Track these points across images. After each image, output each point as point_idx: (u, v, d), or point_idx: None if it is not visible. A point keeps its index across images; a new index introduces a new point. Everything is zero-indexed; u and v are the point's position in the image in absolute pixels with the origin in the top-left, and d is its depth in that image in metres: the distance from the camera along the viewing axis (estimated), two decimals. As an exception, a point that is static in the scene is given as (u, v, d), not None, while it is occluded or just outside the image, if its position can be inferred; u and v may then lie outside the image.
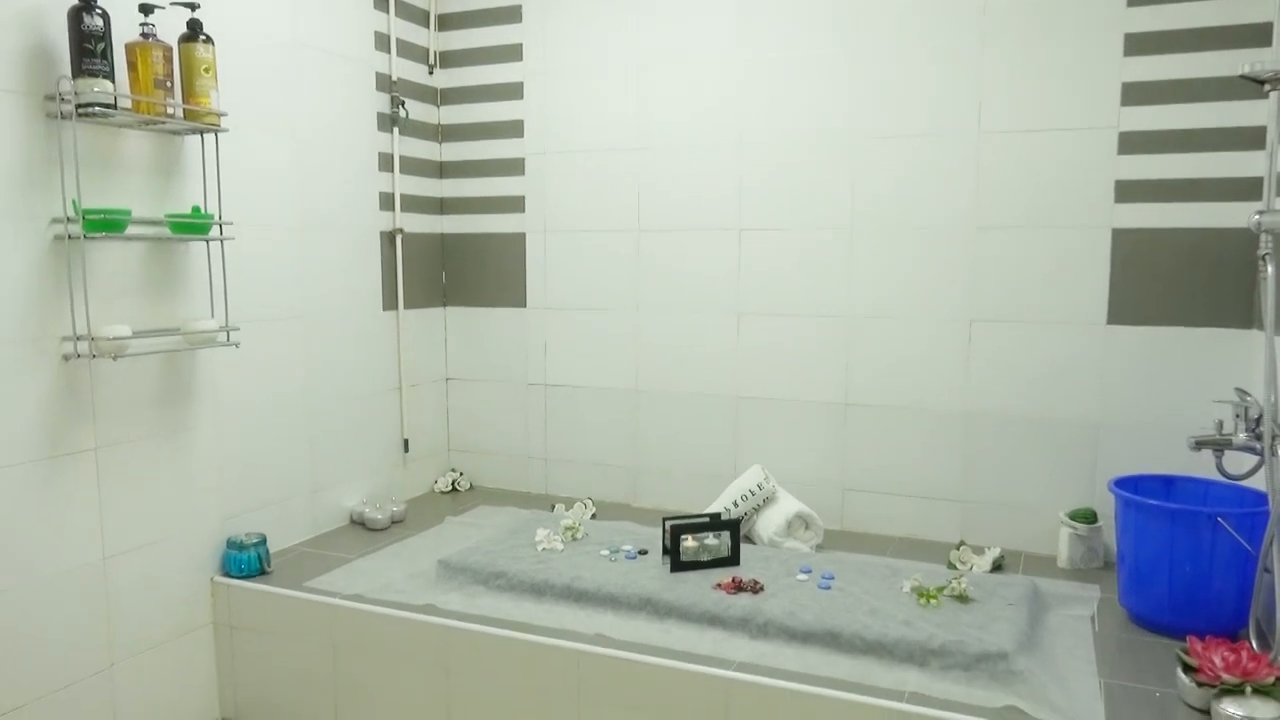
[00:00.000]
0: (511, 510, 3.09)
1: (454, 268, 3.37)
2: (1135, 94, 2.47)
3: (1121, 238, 2.51)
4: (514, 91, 3.21)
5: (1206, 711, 1.74)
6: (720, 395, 3.01)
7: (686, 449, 3.07)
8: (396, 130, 3.09)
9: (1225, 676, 1.70)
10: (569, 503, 3.11)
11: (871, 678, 1.91)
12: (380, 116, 3.03)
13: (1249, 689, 1.67)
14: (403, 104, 3.08)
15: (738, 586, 2.27)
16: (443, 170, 3.35)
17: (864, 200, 2.77)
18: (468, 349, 3.39)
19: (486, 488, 3.40)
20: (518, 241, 3.26)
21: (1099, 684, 1.88)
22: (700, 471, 3.04)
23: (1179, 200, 2.44)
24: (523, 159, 3.22)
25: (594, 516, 2.96)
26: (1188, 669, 1.78)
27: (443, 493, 3.34)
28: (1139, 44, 2.45)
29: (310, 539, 2.80)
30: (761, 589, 2.26)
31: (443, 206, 3.36)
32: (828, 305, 2.84)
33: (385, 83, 3.05)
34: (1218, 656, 1.75)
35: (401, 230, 3.12)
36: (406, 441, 3.21)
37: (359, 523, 2.94)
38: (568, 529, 2.65)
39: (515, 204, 3.25)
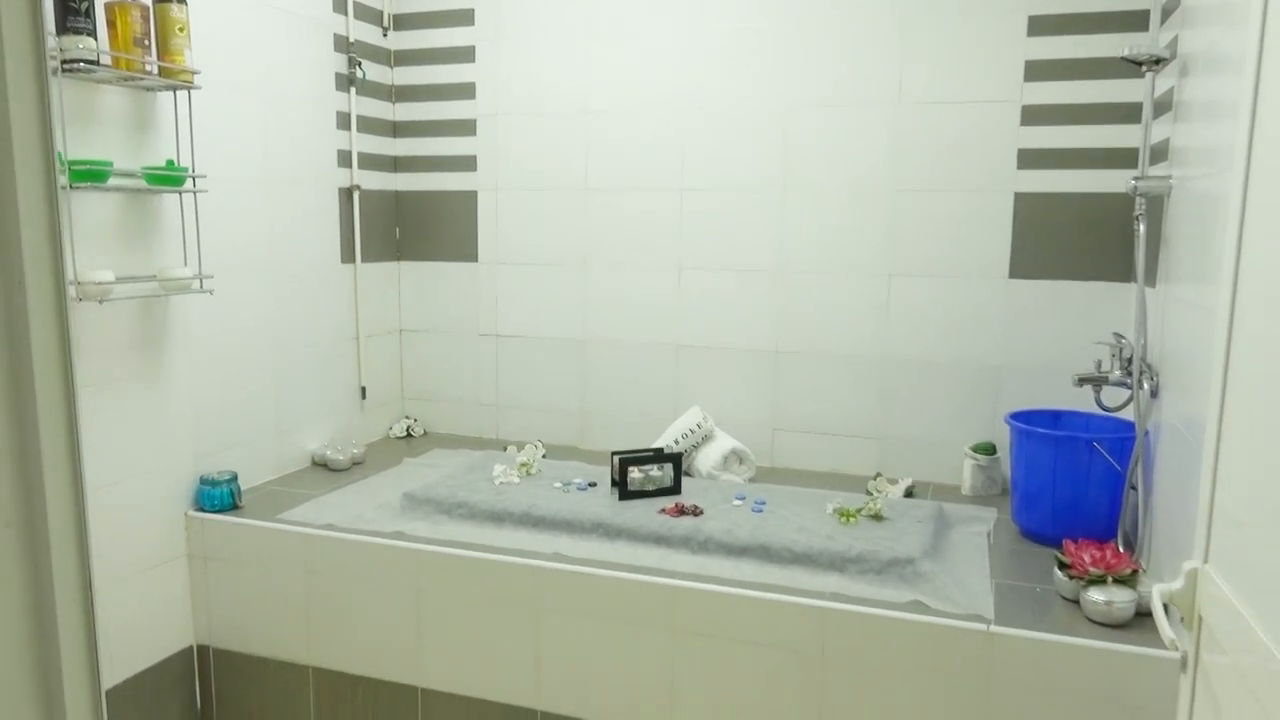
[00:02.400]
0: (466, 452, 3.29)
1: (408, 223, 3.53)
2: (1036, 71, 2.75)
3: (1022, 200, 2.81)
4: (466, 55, 3.36)
5: (1076, 601, 2.05)
6: (662, 343, 3.25)
7: (630, 393, 3.31)
8: (354, 90, 3.22)
9: (1092, 570, 2.01)
10: (520, 445, 3.32)
11: (798, 583, 2.19)
12: (338, 77, 3.16)
13: (1110, 579, 1.99)
14: (359, 65, 3.21)
15: (680, 511, 2.52)
16: (396, 130, 3.49)
17: (795, 163, 3.01)
18: (421, 301, 3.55)
19: (440, 433, 3.59)
20: (470, 199, 3.43)
21: (991, 583, 2.19)
22: (643, 414, 3.28)
23: (1071, 167, 2.74)
24: (474, 120, 3.39)
25: (544, 457, 3.18)
26: (1063, 566, 2.09)
27: (398, 438, 3.52)
28: (1040, 25, 2.73)
29: (277, 478, 2.96)
30: (701, 513, 2.51)
31: (396, 165, 3.50)
32: (760, 260, 3.09)
33: (343, 44, 3.17)
34: (1087, 554, 2.06)
35: (359, 187, 3.27)
36: (364, 389, 3.38)
37: (321, 464, 3.11)
38: (522, 465, 2.87)
39: (467, 163, 3.42)
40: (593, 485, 2.76)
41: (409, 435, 3.53)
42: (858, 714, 2.07)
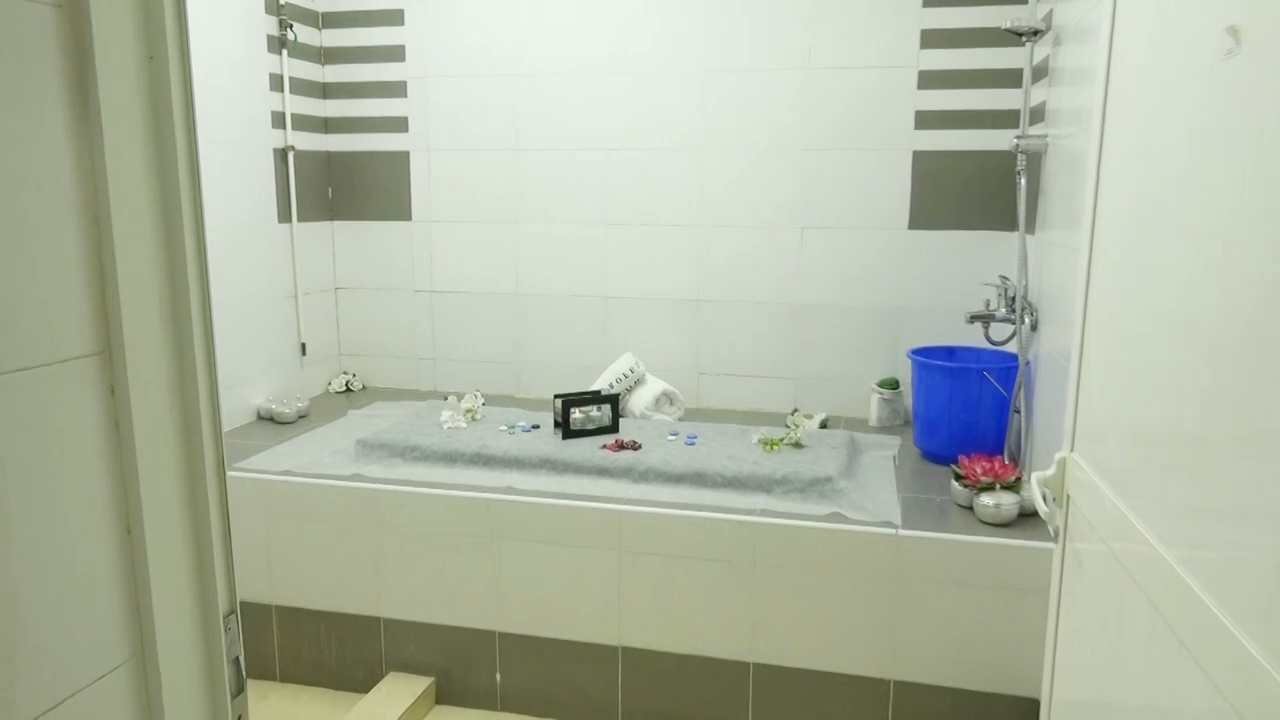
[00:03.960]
0: (409, 403, 3.44)
1: (340, 184, 3.62)
2: (931, 39, 3.03)
3: (920, 158, 3.10)
4: (395, 18, 3.45)
5: (970, 507, 2.37)
6: (591, 295, 3.45)
7: (563, 343, 3.51)
8: (285, 52, 3.29)
9: (983, 479, 2.33)
10: (460, 395, 3.48)
11: (731, 504, 2.45)
12: (270, 39, 3.22)
13: (998, 486, 2.31)
14: (291, 26, 3.27)
15: (620, 446, 2.75)
16: (326, 91, 3.56)
17: (713, 124, 3.23)
18: (356, 260, 3.66)
19: (378, 387, 3.72)
20: (402, 160, 3.54)
21: (898, 496, 2.49)
22: (576, 363, 3.48)
23: (963, 128, 3.04)
24: (405, 82, 3.49)
25: (484, 405, 3.35)
26: (958, 477, 2.41)
27: (337, 392, 3.64)
28: (933, -2, 3.00)
29: (226, 431, 3.06)
30: (640, 447, 2.75)
31: (327, 126, 3.58)
32: (683, 215, 3.31)
33: (274, 5, 3.23)
34: (979, 466, 2.38)
35: (293, 148, 3.34)
36: (304, 345, 3.48)
37: (267, 418, 3.22)
38: (468, 411, 3.05)
39: (399, 124, 3.52)
40: (536, 427, 2.96)
41: (348, 390, 3.65)
42: (787, 613, 2.35)
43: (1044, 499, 1.60)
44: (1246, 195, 0.97)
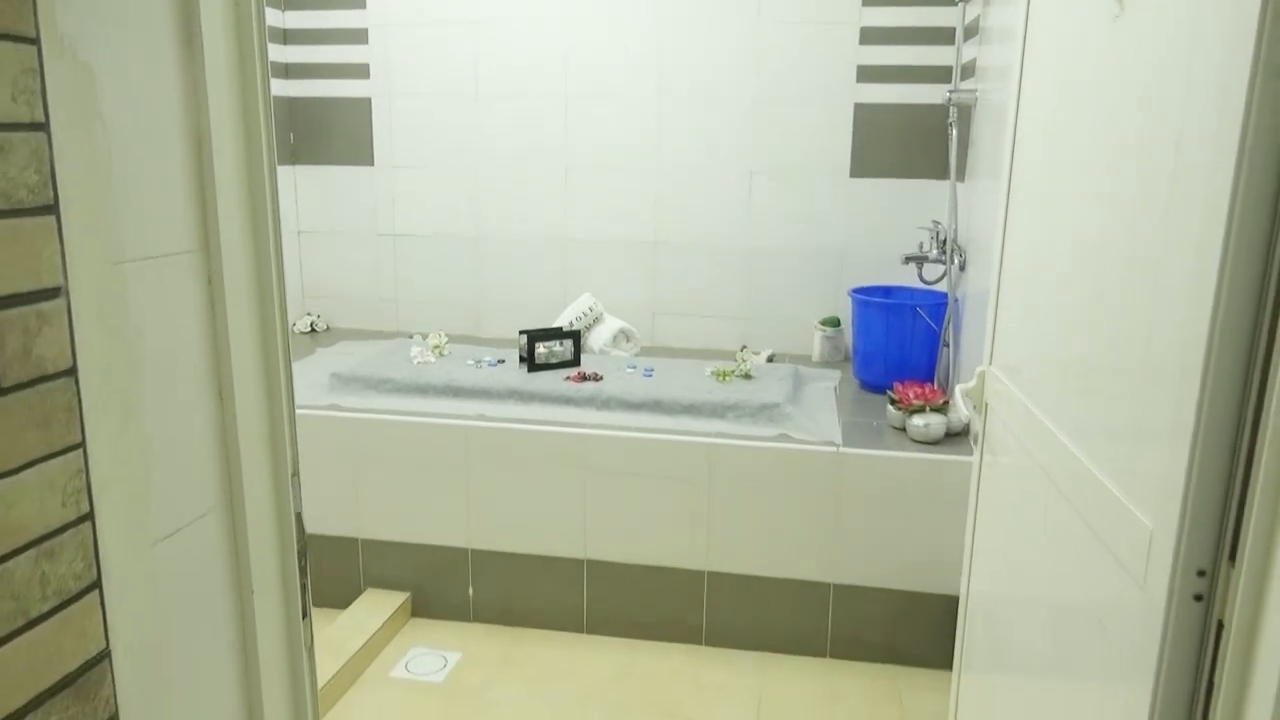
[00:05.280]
0: (375, 341, 3.58)
1: (302, 129, 3.70)
2: (872, -3, 3.22)
3: (861, 110, 3.30)
4: (356, -35, 3.52)
5: (903, 428, 2.62)
6: (551, 238, 3.61)
7: (523, 284, 3.67)
8: (249, -3, 3.34)
9: (915, 402, 2.58)
10: (424, 335, 3.63)
11: (687, 427, 2.66)
12: (234, -17, 3.27)
13: (928, 409, 2.56)
14: (254, -28, 3.32)
15: (583, 378, 2.94)
16: (286, 37, 3.62)
17: (668, 73, 3.39)
18: (319, 204, 3.75)
19: (342, 328, 3.84)
20: (363, 105, 3.64)
21: (839, 420, 2.73)
22: (536, 303, 3.65)
23: (901, 82, 3.25)
24: (366, 29, 3.57)
25: (448, 343, 3.50)
26: (893, 402, 2.65)
27: (303, 333, 3.75)
28: (875, -43, 3.19)
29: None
30: (601, 379, 2.94)
31: (288, 71, 3.65)
32: (640, 160, 3.48)
33: (237, -49, 3.27)
34: (911, 391, 2.62)
35: (258, 92, 3.41)
36: (270, 286, 3.58)
37: (238, 355, 3.33)
38: (435, 347, 3.20)
39: (360, 70, 3.61)
40: (501, 362, 3.13)
41: (313, 330, 3.77)
42: (739, 526, 2.59)
43: (965, 406, 1.84)
44: (1126, 142, 1.18)
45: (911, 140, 3.27)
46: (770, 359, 3.35)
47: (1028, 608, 1.52)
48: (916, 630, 2.56)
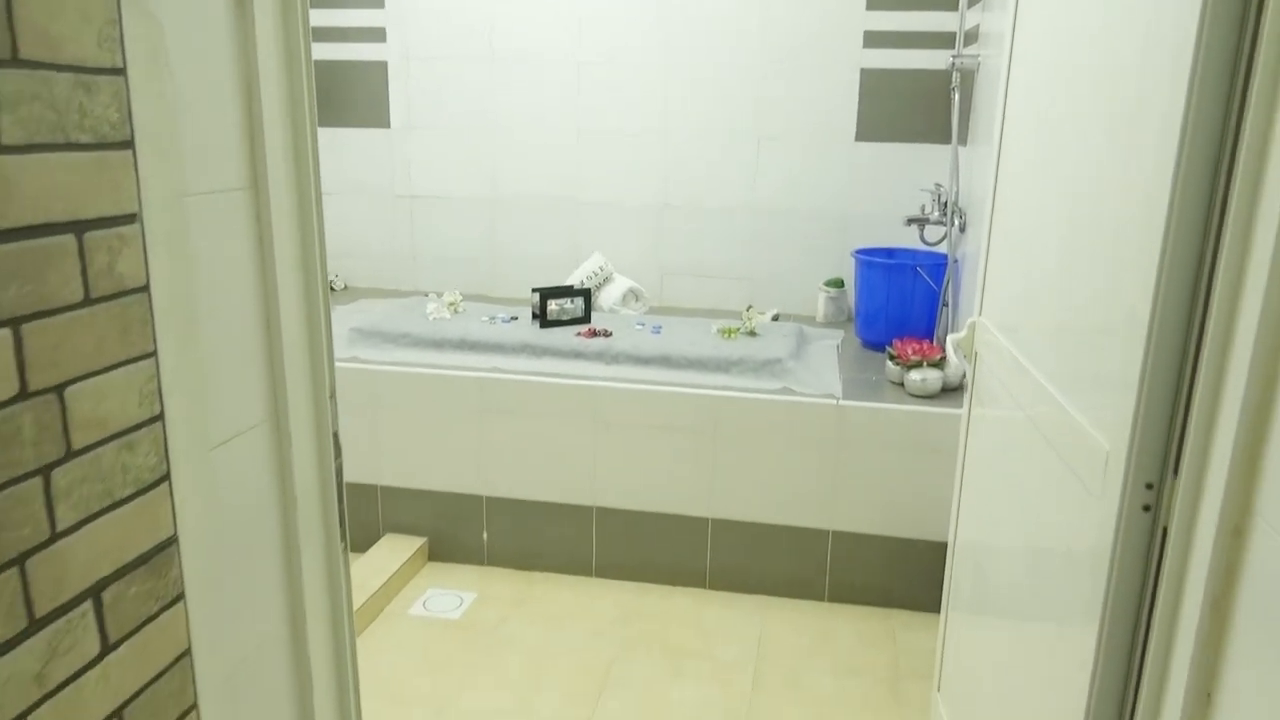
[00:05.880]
0: (392, 300, 3.69)
1: (320, 92, 3.77)
2: (879, -37, 3.28)
3: (867, 75, 3.37)
4: (373, -71, 3.59)
5: (901, 383, 2.72)
6: (563, 199, 3.70)
7: (536, 245, 3.76)
8: (269, -39, 3.42)
9: (913, 357, 2.68)
10: (439, 293, 3.73)
11: (693, 381, 2.77)
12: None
13: (925, 364, 2.66)
14: (274, -64, 3.40)
15: (593, 334, 3.04)
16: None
17: (677, 40, 3.46)
18: (336, 166, 3.84)
19: (360, 287, 3.95)
20: (380, 69, 3.72)
21: (839, 375, 2.83)
22: (548, 263, 3.74)
23: (906, 48, 3.32)
24: (383, -7, 3.65)
25: (462, 301, 3.61)
26: (892, 358, 2.75)
27: (322, 291, 3.86)
28: (883, -76, 3.24)
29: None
30: (611, 335, 3.05)
31: (307, 34, 3.73)
32: (650, 124, 3.56)
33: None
34: (910, 347, 2.72)
35: (278, 54, 3.50)
36: (291, 245, 3.69)
37: (260, 312, 3.44)
38: (450, 304, 3.31)
39: (376, 34, 3.69)
40: (514, 318, 3.24)
41: (331, 288, 3.88)
42: (742, 475, 2.70)
43: (956, 355, 1.94)
44: (1096, 109, 1.27)
45: (916, 105, 3.34)
46: (775, 318, 3.45)
47: (1009, 551, 1.63)
48: (910, 575, 2.68)
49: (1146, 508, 1.05)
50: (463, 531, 2.93)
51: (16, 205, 0.72)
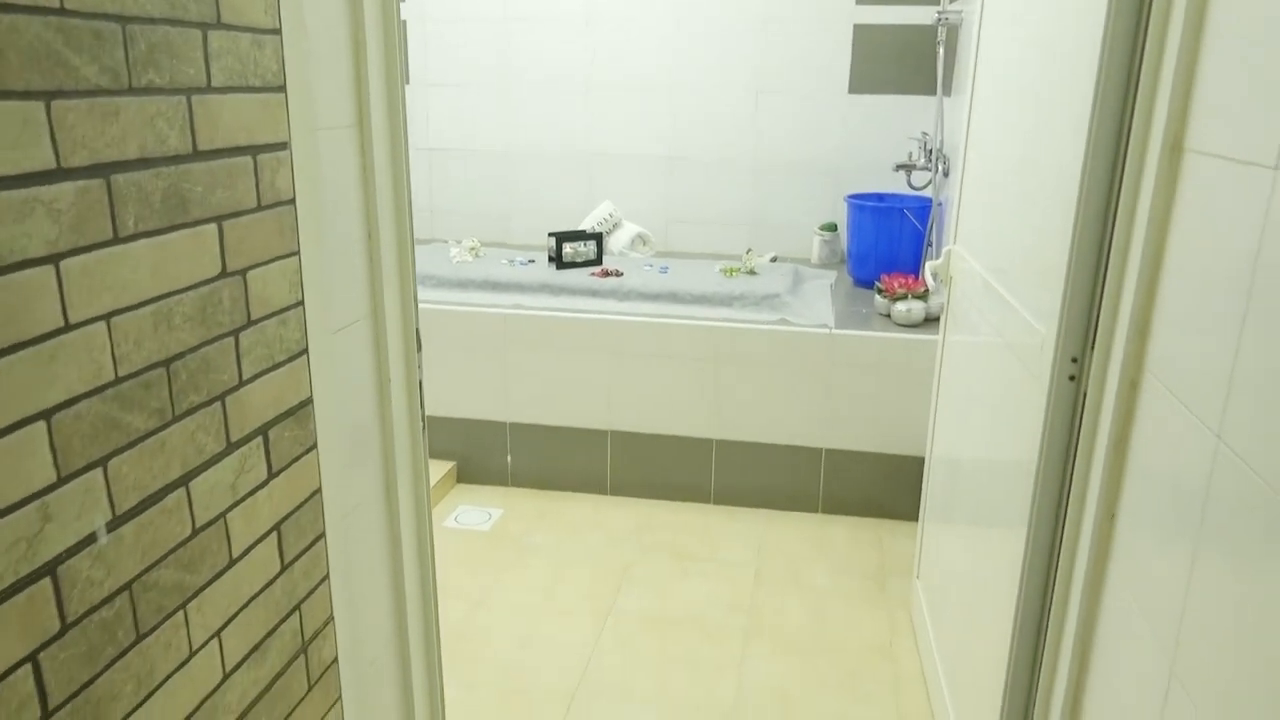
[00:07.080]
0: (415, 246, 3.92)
1: (342, 49, 3.99)
2: (871, -76, 3.48)
3: (859, 31, 3.59)
4: (391, -107, 3.77)
5: (888, 315, 2.98)
6: (575, 151, 3.93)
7: (550, 195, 4.00)
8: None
9: (898, 290, 2.94)
10: (458, 240, 3.98)
11: (698, 314, 3.03)
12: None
13: (910, 296, 2.92)
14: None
15: (606, 274, 3.30)
16: (327, -38, 3.89)
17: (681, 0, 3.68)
18: (358, 120, 4.06)
19: (382, 236, 4.19)
20: (400, 28, 3.92)
21: (832, 308, 3.10)
22: (560, 211, 3.99)
23: (897, 4, 3.53)
24: (401, -46, 3.84)
25: (481, 247, 3.86)
26: (880, 291, 3.01)
27: (346, 240, 4.10)
28: (874, -114, 3.45)
29: (261, 267, 3.54)
30: (622, 274, 3.30)
31: (329, -5, 3.93)
32: (657, 78, 3.78)
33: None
34: (896, 281, 2.98)
35: (304, 14, 3.71)
36: (318, 196, 3.92)
37: (292, 258, 3.69)
38: (471, 249, 3.56)
39: (395, -6, 3.88)
40: (532, 261, 3.49)
41: (356, 237, 4.12)
42: (744, 399, 2.97)
43: (935, 282, 2.21)
44: (1043, 72, 1.52)
45: (905, 58, 3.57)
46: (773, 260, 3.70)
47: (974, 462, 1.90)
48: (896, 488, 2.97)
49: (1072, 378, 1.32)
50: (489, 455, 3.21)
51: (222, 132, 0.98)
